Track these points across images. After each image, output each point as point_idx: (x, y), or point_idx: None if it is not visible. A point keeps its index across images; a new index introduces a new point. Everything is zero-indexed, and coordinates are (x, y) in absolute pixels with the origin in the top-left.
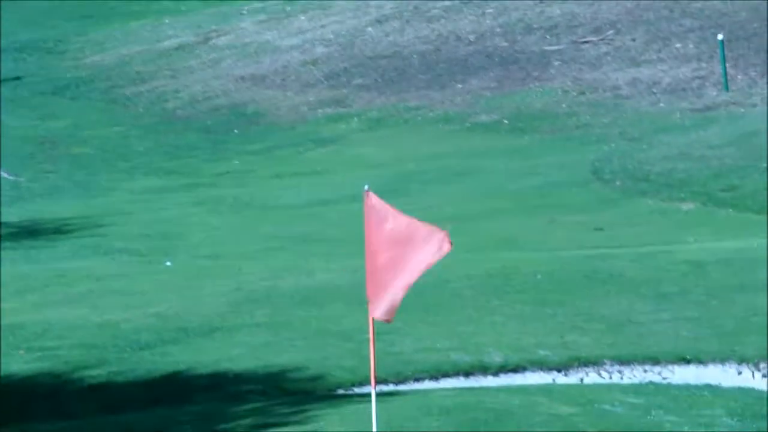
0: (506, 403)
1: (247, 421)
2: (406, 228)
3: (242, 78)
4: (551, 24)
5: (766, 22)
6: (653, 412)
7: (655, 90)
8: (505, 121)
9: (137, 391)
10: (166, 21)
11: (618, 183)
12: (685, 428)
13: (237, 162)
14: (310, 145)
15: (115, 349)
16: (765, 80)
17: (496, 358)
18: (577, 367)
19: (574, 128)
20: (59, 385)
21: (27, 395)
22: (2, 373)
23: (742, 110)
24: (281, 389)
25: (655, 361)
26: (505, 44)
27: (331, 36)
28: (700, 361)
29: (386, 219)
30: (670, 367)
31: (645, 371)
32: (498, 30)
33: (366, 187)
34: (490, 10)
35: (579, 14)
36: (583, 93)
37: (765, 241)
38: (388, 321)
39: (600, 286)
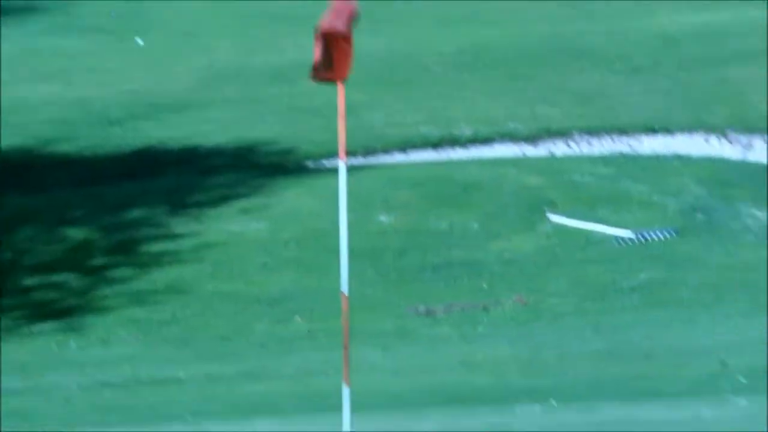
0: (475, 175)
1: (217, 193)
2: None
3: None
4: None
5: None
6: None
7: None
8: None
9: (108, 165)
10: None
11: None
12: (654, 197)
13: None
14: None
15: (85, 125)
16: None
17: (466, 131)
18: (547, 138)
19: None
20: (30, 160)
21: None
22: None
23: None
24: (251, 163)
25: (624, 131)
26: None
27: None
28: (669, 131)
29: None
30: (638, 137)
31: (614, 142)
32: None
33: None
34: None
35: None
36: None
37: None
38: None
39: (572, 61)
